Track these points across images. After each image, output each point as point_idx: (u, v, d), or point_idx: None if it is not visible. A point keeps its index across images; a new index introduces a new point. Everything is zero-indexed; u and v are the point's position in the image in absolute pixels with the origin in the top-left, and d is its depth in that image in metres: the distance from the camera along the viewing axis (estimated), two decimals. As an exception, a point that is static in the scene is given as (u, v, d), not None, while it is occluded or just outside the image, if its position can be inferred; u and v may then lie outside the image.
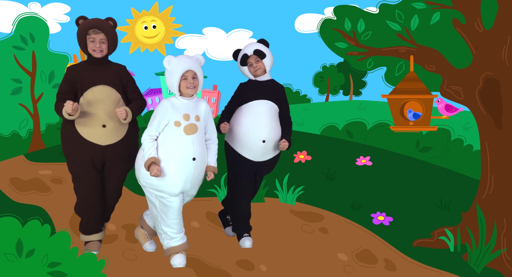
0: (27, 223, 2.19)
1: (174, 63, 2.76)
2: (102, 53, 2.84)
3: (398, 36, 3.68)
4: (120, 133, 2.86)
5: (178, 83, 2.75)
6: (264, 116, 3.05)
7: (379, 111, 6.65)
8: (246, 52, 3.10)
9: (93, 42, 2.81)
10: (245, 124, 3.06)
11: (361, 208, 4.06)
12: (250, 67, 3.11)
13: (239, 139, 3.08)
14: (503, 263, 3.17)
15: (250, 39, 7.09)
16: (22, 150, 5.57)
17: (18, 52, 5.60)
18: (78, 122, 2.81)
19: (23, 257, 2.16)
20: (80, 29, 2.82)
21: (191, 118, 2.75)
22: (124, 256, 2.96)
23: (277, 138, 3.10)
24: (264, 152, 3.08)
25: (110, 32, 2.85)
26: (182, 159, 2.69)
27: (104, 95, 2.82)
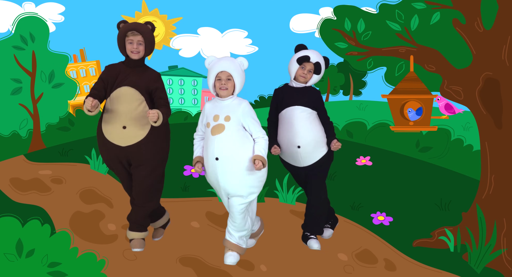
0: (27, 223, 2.20)
1: (212, 63, 2.83)
2: (139, 55, 2.91)
3: (398, 36, 3.68)
4: (140, 134, 2.89)
5: (213, 83, 2.83)
6: (296, 122, 3.07)
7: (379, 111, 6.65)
8: (310, 55, 3.11)
9: (131, 43, 2.88)
10: (281, 132, 3.14)
11: (361, 208, 4.06)
12: (300, 70, 3.12)
13: (281, 146, 3.15)
14: (503, 263, 3.17)
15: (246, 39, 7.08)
16: (22, 150, 5.57)
17: (18, 52, 5.60)
18: (104, 125, 2.91)
19: (23, 257, 2.16)
20: (120, 31, 2.91)
21: (220, 118, 2.79)
22: (124, 256, 2.96)
23: (316, 140, 3.10)
24: (303, 157, 3.11)
25: (147, 35, 2.92)
26: (208, 159, 2.80)
27: (126, 96, 2.87)
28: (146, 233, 3.08)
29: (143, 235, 3.06)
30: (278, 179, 4.12)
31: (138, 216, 3.00)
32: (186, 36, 6.76)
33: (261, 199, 4.06)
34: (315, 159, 3.14)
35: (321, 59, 3.16)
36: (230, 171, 2.76)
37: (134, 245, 3.00)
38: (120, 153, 2.89)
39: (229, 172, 2.76)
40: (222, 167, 2.75)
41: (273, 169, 3.31)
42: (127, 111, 2.85)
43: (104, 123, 2.90)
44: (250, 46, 6.94)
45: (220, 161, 2.73)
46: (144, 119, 2.89)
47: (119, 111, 2.85)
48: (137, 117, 2.87)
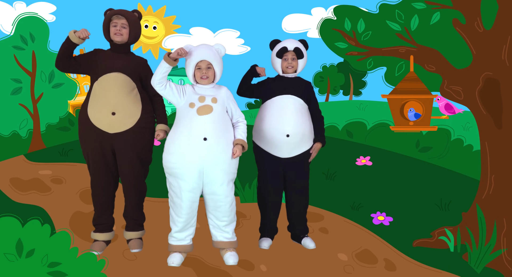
0: (27, 223, 2.19)
1: (190, 52, 2.77)
2: (122, 37, 2.86)
3: (398, 36, 3.68)
4: (130, 121, 2.85)
5: (192, 73, 2.79)
6: (288, 111, 3.03)
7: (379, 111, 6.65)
8: (286, 45, 3.08)
9: (114, 26, 2.85)
10: (269, 119, 3.06)
11: (361, 208, 4.05)
12: (284, 62, 3.10)
13: (264, 134, 3.08)
14: (503, 263, 3.16)
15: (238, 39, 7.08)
16: (22, 150, 5.57)
17: (18, 52, 5.60)
18: (90, 109, 2.83)
19: (23, 257, 2.16)
20: (106, 17, 2.88)
21: (206, 100, 2.74)
22: (124, 256, 2.96)
23: (303, 133, 3.07)
24: (289, 147, 3.06)
25: (132, 20, 2.89)
26: (193, 139, 2.66)
27: (118, 82, 2.82)
28: (143, 232, 3.08)
29: (140, 234, 3.05)
30: None
31: (132, 209, 2.99)
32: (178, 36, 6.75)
33: None
34: (299, 151, 3.12)
35: (299, 43, 3.12)
36: (218, 154, 2.69)
37: (132, 246, 3.00)
38: (106, 140, 2.83)
39: (217, 154, 2.69)
40: (209, 148, 2.66)
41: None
42: (117, 97, 2.80)
43: (91, 108, 2.82)
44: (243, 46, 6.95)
45: (208, 141, 2.65)
46: (134, 107, 2.85)
47: (109, 96, 2.80)
48: (127, 104, 2.82)
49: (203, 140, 2.64)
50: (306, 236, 3.28)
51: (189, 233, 2.87)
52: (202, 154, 2.66)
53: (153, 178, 3.31)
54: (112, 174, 2.98)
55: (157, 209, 3.52)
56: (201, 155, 2.66)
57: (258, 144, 3.16)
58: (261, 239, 3.24)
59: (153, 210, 3.47)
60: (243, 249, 3.08)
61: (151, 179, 3.20)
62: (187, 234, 2.86)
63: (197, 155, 2.66)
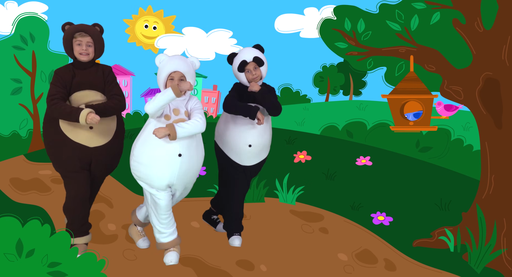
0: (27, 223, 2.19)
1: (164, 62, 2.75)
2: (88, 57, 2.80)
3: (398, 36, 3.68)
4: (108, 135, 2.84)
5: (164, 82, 2.75)
6: (250, 122, 3.02)
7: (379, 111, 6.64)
8: (245, 58, 3.04)
9: (79, 45, 2.77)
10: (232, 129, 3.06)
11: (361, 208, 4.06)
12: (248, 74, 3.06)
13: (227, 142, 3.10)
14: (503, 263, 3.17)
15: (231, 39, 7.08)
16: (22, 150, 5.57)
17: (18, 52, 5.60)
18: (63, 124, 2.77)
19: (23, 257, 2.16)
20: (67, 33, 2.79)
21: (181, 113, 2.74)
22: (124, 256, 2.96)
23: (264, 143, 3.10)
24: (250, 156, 3.09)
25: (96, 36, 2.82)
26: (167, 155, 2.65)
27: (88, 99, 2.79)
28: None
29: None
30: (278, 179, 4.12)
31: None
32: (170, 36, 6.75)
33: (261, 199, 4.06)
34: (258, 160, 3.15)
35: (256, 51, 3.07)
36: (189, 168, 2.73)
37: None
38: (85, 153, 2.79)
39: (189, 169, 2.73)
40: (183, 164, 2.67)
41: (273, 169, 3.31)
42: None
43: (66, 126, 2.77)
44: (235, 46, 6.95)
45: (183, 157, 2.66)
46: (110, 120, 2.85)
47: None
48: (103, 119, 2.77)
49: (178, 156, 2.65)
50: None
51: (175, 226, 2.89)
52: (175, 169, 2.68)
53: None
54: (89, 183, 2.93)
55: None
56: (174, 169, 2.68)
57: (221, 147, 3.17)
58: (231, 237, 3.19)
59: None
60: (243, 249, 3.09)
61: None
62: (174, 227, 2.88)
63: (170, 170, 2.68)
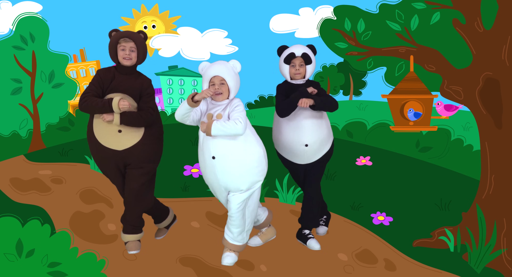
0: (27, 223, 2.20)
1: (205, 69, 2.84)
2: (131, 61, 2.89)
3: (398, 36, 3.68)
4: (137, 136, 2.88)
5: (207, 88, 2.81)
6: (303, 121, 3.03)
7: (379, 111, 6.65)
8: (294, 51, 3.06)
9: (123, 50, 2.87)
10: (286, 131, 3.08)
11: (361, 208, 4.05)
12: (292, 68, 3.08)
13: (283, 145, 3.13)
14: (503, 263, 3.17)
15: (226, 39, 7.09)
16: (22, 150, 5.57)
17: (18, 52, 5.60)
18: (96, 129, 2.87)
19: (23, 257, 2.16)
20: (112, 39, 2.89)
21: (214, 117, 2.79)
22: (124, 256, 2.96)
23: (321, 140, 3.09)
24: (309, 155, 3.10)
25: (140, 42, 2.91)
26: (205, 158, 2.80)
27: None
28: (141, 235, 3.07)
29: (138, 237, 3.05)
30: (278, 179, 4.12)
31: (133, 216, 2.97)
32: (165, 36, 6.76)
33: (261, 199, 4.06)
34: (319, 156, 3.14)
35: (307, 49, 3.10)
36: (229, 168, 2.76)
37: (130, 247, 2.99)
38: (116, 156, 2.87)
39: (228, 169, 2.76)
40: (220, 165, 2.76)
41: (273, 169, 3.30)
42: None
43: (97, 129, 2.86)
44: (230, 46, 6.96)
45: (217, 159, 2.74)
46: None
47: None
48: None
49: (212, 159, 2.76)
50: (312, 237, 3.26)
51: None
52: (216, 172, 2.79)
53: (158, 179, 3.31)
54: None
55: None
56: (215, 172, 2.79)
57: (279, 152, 3.24)
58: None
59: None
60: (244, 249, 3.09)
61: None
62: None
63: (212, 173, 2.81)
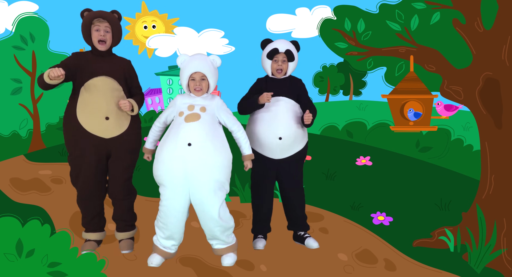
0: (27, 223, 2.20)
1: (185, 63, 2.79)
2: (105, 45, 2.82)
3: (398, 36, 3.68)
4: (124, 124, 2.84)
5: (186, 83, 2.81)
6: (280, 113, 3.01)
7: (379, 111, 6.65)
8: (277, 47, 3.03)
9: (97, 31, 2.79)
10: (261, 123, 3.04)
11: (361, 208, 4.05)
12: (274, 63, 3.07)
13: (256, 137, 3.07)
14: (503, 263, 3.16)
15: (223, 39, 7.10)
16: (22, 150, 5.57)
17: (18, 52, 5.61)
18: (80, 115, 2.78)
19: (23, 257, 2.16)
20: (85, 19, 2.80)
21: (195, 108, 2.76)
22: (124, 256, 2.96)
23: (296, 135, 3.05)
24: (282, 149, 3.05)
25: (114, 22, 2.84)
26: (178, 145, 2.64)
27: (106, 86, 2.79)
28: (134, 231, 3.08)
29: (131, 234, 3.05)
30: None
31: (123, 211, 2.95)
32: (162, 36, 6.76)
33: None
34: (291, 152, 3.10)
35: (290, 45, 3.08)
36: (203, 157, 2.64)
37: (123, 247, 2.99)
38: (101, 145, 2.80)
39: (202, 159, 2.64)
40: (194, 154, 2.63)
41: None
42: (109, 102, 2.77)
43: (83, 114, 2.77)
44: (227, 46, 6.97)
45: (192, 146, 2.62)
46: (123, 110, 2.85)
47: (100, 102, 2.76)
48: (119, 107, 2.81)
49: (188, 145, 2.62)
50: (308, 236, 3.28)
51: (174, 243, 2.84)
52: (186, 159, 2.62)
53: (147, 177, 3.31)
54: (105, 177, 2.95)
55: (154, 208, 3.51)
56: (185, 159, 2.62)
57: (251, 146, 3.13)
58: (255, 240, 3.23)
59: (150, 209, 3.46)
60: (243, 249, 3.09)
61: (145, 178, 3.20)
62: (172, 243, 2.83)
63: (181, 160, 2.63)
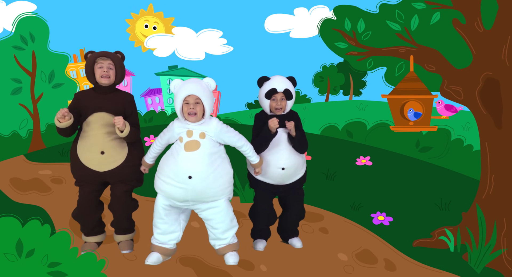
0: (27, 223, 2.20)
1: (178, 87, 2.73)
2: (109, 80, 2.86)
3: (398, 36, 3.68)
4: (119, 158, 2.87)
5: (180, 107, 2.72)
6: (282, 144, 3.02)
7: (379, 111, 6.65)
8: (276, 87, 3.02)
9: (100, 68, 2.83)
10: (263, 154, 3.05)
11: (361, 208, 4.05)
12: (273, 102, 3.05)
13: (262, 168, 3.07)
14: (503, 263, 3.17)
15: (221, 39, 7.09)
16: (22, 150, 5.58)
17: (18, 52, 5.61)
18: (79, 148, 2.86)
19: (23, 257, 2.16)
20: (89, 59, 2.86)
21: (194, 134, 2.70)
22: (124, 256, 2.96)
23: (297, 165, 3.08)
24: (284, 178, 3.09)
25: (117, 61, 2.89)
26: (178, 176, 2.65)
27: (105, 121, 2.83)
28: (133, 234, 3.11)
29: (130, 237, 3.08)
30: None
31: (122, 222, 3.02)
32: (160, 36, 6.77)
33: None
34: (293, 179, 3.13)
35: (288, 83, 3.07)
36: (204, 189, 2.68)
37: (123, 247, 3.01)
38: (96, 177, 2.86)
39: (204, 190, 2.68)
40: (195, 186, 2.65)
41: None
42: (105, 137, 2.82)
43: (81, 148, 2.85)
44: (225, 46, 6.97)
45: (194, 179, 2.64)
46: (122, 144, 2.88)
47: (97, 136, 2.82)
48: (115, 143, 2.85)
49: (188, 178, 2.64)
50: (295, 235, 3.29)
51: (171, 237, 2.86)
52: (188, 190, 2.67)
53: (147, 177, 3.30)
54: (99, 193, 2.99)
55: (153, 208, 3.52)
56: (187, 191, 2.67)
57: (252, 174, 3.15)
58: (255, 241, 3.24)
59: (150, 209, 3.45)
60: (243, 249, 3.09)
61: (145, 178, 3.20)
62: (169, 238, 2.86)
63: (182, 191, 2.68)
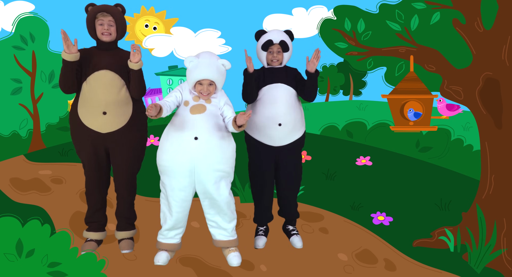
0: (27, 223, 2.20)
1: (193, 66, 2.73)
2: (110, 37, 2.82)
3: (398, 36, 3.68)
4: (122, 120, 2.82)
5: (193, 85, 2.77)
6: (279, 100, 3.01)
7: (379, 111, 6.64)
8: (272, 38, 3.03)
9: (101, 25, 2.79)
10: (260, 109, 3.03)
11: (361, 208, 4.05)
12: (269, 55, 3.07)
13: (256, 124, 3.07)
14: (503, 263, 3.16)
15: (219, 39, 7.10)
16: (22, 150, 5.57)
17: (18, 52, 5.60)
18: (80, 109, 2.79)
19: (23, 257, 2.16)
20: (89, 14, 2.80)
21: (200, 99, 2.75)
22: (124, 256, 2.96)
23: (295, 121, 3.05)
24: (282, 136, 3.05)
25: (118, 16, 2.83)
26: (184, 138, 2.66)
27: (106, 80, 2.77)
28: (134, 231, 3.08)
29: (132, 234, 3.06)
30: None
31: (125, 208, 2.98)
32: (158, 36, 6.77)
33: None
34: (291, 140, 3.10)
35: (284, 35, 3.08)
36: (209, 151, 2.67)
37: (123, 246, 3.00)
38: (99, 140, 2.80)
39: (208, 153, 2.67)
40: (200, 148, 2.65)
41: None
42: (107, 96, 2.76)
43: (81, 108, 2.78)
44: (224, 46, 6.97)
45: (199, 140, 2.65)
46: (125, 105, 2.82)
47: (99, 96, 2.75)
48: (118, 103, 2.79)
49: (194, 139, 2.64)
50: (296, 233, 3.29)
51: (178, 232, 2.88)
52: (193, 153, 2.66)
53: (147, 177, 3.31)
54: (105, 173, 2.98)
55: (154, 208, 3.52)
56: (192, 153, 2.66)
57: (250, 134, 3.15)
58: (256, 236, 3.24)
59: (150, 209, 3.46)
60: (243, 249, 3.09)
61: (145, 178, 3.20)
62: (176, 232, 2.87)
63: (188, 154, 2.66)
